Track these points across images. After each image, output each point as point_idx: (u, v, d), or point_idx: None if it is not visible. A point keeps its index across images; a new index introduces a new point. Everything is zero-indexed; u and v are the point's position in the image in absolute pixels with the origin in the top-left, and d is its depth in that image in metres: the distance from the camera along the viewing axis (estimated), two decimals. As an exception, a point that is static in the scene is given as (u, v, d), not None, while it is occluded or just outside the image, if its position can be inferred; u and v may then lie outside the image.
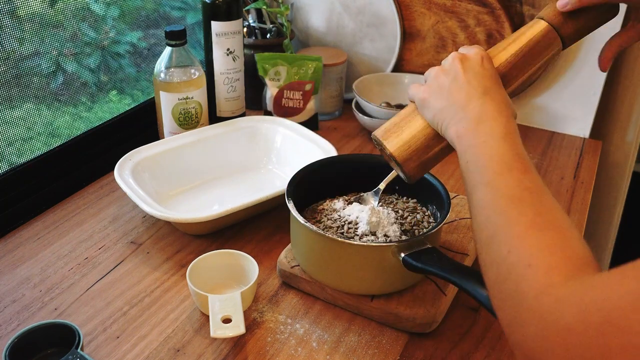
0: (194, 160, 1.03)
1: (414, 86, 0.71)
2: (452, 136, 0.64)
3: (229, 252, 0.82)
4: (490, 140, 0.59)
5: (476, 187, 0.58)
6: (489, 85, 0.64)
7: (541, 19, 0.70)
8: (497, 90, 0.64)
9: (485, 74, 0.66)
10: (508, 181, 0.56)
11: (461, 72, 0.66)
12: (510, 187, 0.55)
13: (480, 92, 0.64)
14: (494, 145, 0.59)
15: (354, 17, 1.31)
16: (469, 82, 0.65)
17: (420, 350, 0.74)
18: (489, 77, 0.65)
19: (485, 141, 0.60)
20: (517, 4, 1.18)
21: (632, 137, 1.29)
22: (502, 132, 0.60)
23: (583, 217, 1.00)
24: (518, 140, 0.60)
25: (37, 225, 0.95)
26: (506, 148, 0.58)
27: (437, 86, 0.68)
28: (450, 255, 0.83)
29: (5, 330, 0.76)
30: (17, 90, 0.99)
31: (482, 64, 0.66)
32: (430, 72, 0.70)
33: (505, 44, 0.70)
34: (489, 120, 0.61)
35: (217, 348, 0.73)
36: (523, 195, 0.54)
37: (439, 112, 0.67)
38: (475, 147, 0.60)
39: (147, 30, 1.26)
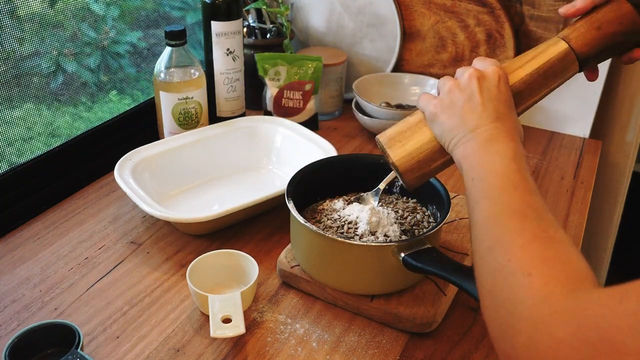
0: (194, 160, 1.03)
1: (425, 97, 0.70)
2: (459, 155, 0.64)
3: (229, 252, 0.82)
4: (498, 159, 0.60)
5: (479, 201, 0.58)
6: (502, 110, 0.64)
7: (562, 40, 0.69)
8: (509, 115, 0.64)
9: (500, 97, 0.65)
10: (513, 197, 0.56)
11: (477, 93, 0.65)
12: (514, 203, 0.56)
13: (494, 117, 0.63)
14: (502, 164, 0.59)
15: (354, 17, 1.31)
16: (484, 104, 0.64)
17: (420, 350, 0.74)
18: (504, 102, 0.65)
19: (493, 160, 0.60)
20: (517, 4, 1.18)
21: (632, 137, 1.29)
22: (511, 154, 0.60)
23: (583, 217, 1.00)
24: (525, 165, 0.60)
25: (37, 225, 0.95)
26: (513, 168, 0.59)
27: (449, 102, 0.67)
28: (450, 255, 0.83)
29: (5, 330, 0.76)
30: (17, 90, 0.99)
31: (499, 86, 0.66)
32: (445, 84, 0.68)
33: (523, 61, 0.69)
34: (498, 142, 0.61)
35: (217, 348, 0.73)
36: (527, 212, 0.54)
37: (448, 129, 0.66)
38: (482, 165, 0.61)
39: (147, 30, 1.26)
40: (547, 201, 1.03)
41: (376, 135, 0.75)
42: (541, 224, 0.53)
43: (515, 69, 0.69)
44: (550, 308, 0.45)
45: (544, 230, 0.52)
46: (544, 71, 0.68)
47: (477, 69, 0.67)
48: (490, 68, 0.67)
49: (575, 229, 0.97)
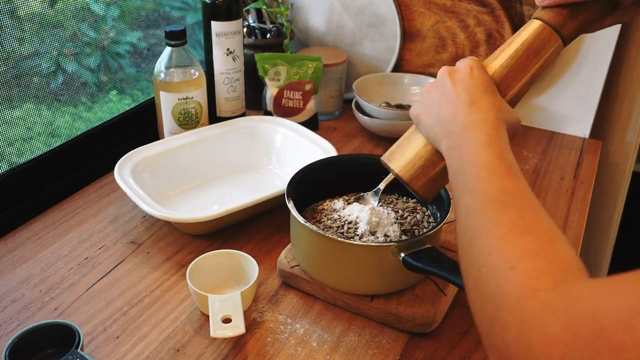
0: (194, 160, 1.03)
1: (413, 104, 0.71)
2: (444, 150, 0.64)
3: (229, 252, 0.82)
4: (472, 147, 0.59)
5: (460, 195, 0.57)
6: (477, 94, 0.64)
7: (536, 19, 0.70)
8: (485, 97, 0.64)
9: (474, 83, 0.65)
10: (489, 185, 0.55)
11: (450, 86, 0.66)
12: (491, 190, 0.54)
13: (468, 103, 0.63)
14: (476, 152, 0.58)
15: (354, 17, 1.31)
16: (458, 94, 0.65)
17: (420, 350, 0.74)
18: (477, 87, 0.65)
19: (468, 150, 0.59)
20: (517, 3, 1.18)
21: (632, 137, 1.29)
22: (485, 138, 0.59)
23: (583, 217, 1.00)
24: (504, 146, 0.59)
25: (37, 225, 0.95)
26: (489, 153, 0.57)
27: (427, 102, 0.68)
28: (450, 255, 0.83)
29: (5, 330, 0.76)
30: (17, 90, 0.99)
31: (472, 74, 0.66)
32: (424, 88, 0.69)
33: (501, 49, 0.70)
34: (473, 129, 0.61)
35: (217, 348, 0.73)
36: (505, 198, 0.53)
37: (431, 128, 0.67)
38: (459, 156, 0.60)
39: (147, 30, 1.26)
40: (547, 201, 1.03)
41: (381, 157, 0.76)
42: (521, 210, 0.51)
43: (495, 58, 0.69)
44: (539, 302, 0.43)
45: (524, 218, 0.50)
46: (523, 51, 0.68)
47: (450, 66, 0.68)
48: (462, 62, 0.68)
49: (575, 229, 0.97)
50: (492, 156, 0.57)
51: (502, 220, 0.51)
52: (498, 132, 0.60)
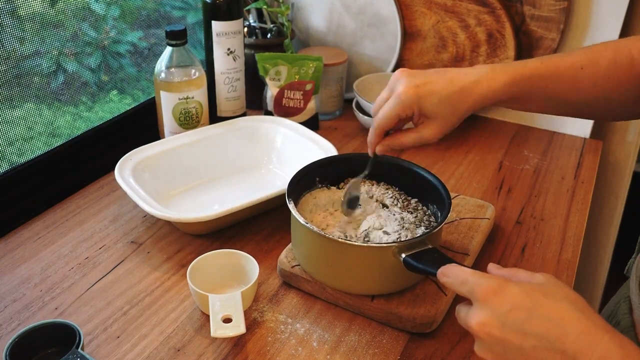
0: (194, 160, 1.03)
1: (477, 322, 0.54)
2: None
3: (229, 251, 0.82)
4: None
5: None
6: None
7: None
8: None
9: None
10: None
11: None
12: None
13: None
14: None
15: (354, 16, 1.31)
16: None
17: (421, 350, 0.74)
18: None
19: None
20: (517, 3, 1.18)
21: (632, 137, 1.29)
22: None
23: (583, 217, 1.00)
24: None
25: (37, 225, 0.95)
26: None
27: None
28: (451, 255, 0.83)
29: (6, 329, 0.76)
30: (17, 89, 0.99)
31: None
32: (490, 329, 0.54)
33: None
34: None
35: (218, 348, 0.73)
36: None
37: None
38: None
39: (147, 30, 1.26)
40: (548, 201, 1.04)
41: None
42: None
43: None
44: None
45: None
46: None
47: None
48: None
49: (576, 229, 0.97)
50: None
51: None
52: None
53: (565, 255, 0.91)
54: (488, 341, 0.53)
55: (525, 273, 0.57)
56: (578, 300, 0.53)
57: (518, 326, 0.52)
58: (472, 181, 1.09)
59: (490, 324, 0.53)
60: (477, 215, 0.92)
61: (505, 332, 0.52)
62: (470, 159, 1.16)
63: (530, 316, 0.51)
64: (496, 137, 1.24)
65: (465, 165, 1.14)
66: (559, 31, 1.17)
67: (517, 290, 0.53)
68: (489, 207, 0.94)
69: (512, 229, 0.97)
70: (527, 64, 0.74)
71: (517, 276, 0.57)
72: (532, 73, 0.73)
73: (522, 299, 0.52)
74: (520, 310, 0.52)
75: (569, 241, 0.94)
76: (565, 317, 0.51)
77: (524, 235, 0.95)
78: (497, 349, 0.53)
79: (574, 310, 0.51)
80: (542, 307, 0.52)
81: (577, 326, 0.50)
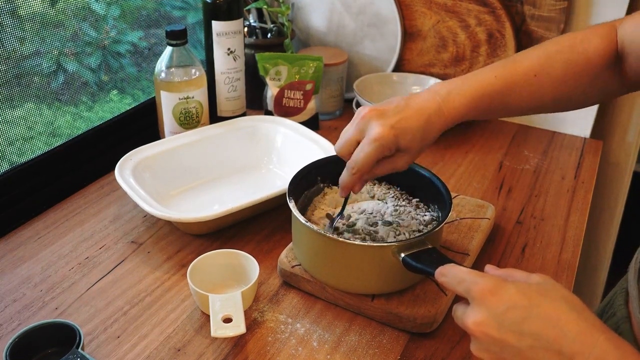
0: (194, 160, 1.03)
1: (473, 321, 0.54)
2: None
3: (229, 251, 0.82)
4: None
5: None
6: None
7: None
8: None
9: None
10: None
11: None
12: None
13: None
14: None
15: (354, 16, 1.31)
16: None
17: (421, 350, 0.74)
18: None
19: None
20: (517, 3, 1.18)
21: (632, 137, 1.29)
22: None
23: (584, 216, 1.00)
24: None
25: (37, 225, 0.95)
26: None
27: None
28: (451, 255, 0.83)
29: (6, 329, 0.76)
30: (18, 89, 0.99)
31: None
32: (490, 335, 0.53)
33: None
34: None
35: (218, 348, 0.73)
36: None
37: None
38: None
39: (147, 30, 1.26)
40: (548, 201, 1.04)
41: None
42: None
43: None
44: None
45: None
46: None
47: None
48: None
49: (576, 229, 0.97)
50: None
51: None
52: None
53: (565, 255, 0.91)
54: (484, 341, 0.54)
55: (521, 273, 0.57)
56: (575, 301, 0.53)
57: (515, 326, 0.52)
58: (472, 181, 1.09)
59: (486, 323, 0.53)
60: (477, 215, 0.92)
61: (502, 332, 0.52)
62: (471, 159, 1.16)
63: (527, 316, 0.51)
64: (496, 137, 1.24)
65: (465, 165, 1.14)
66: (559, 31, 1.17)
67: (514, 290, 0.53)
68: (489, 207, 0.94)
69: (513, 229, 0.97)
70: (482, 81, 0.74)
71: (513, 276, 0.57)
72: (488, 90, 0.73)
73: (519, 299, 0.52)
74: (517, 309, 0.52)
75: (569, 241, 0.94)
76: (562, 317, 0.51)
77: (524, 235, 0.95)
78: (493, 348, 0.53)
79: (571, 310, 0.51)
80: (539, 307, 0.52)
81: (574, 327, 0.51)
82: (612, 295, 0.82)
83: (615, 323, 0.74)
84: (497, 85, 0.73)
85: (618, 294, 0.78)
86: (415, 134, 0.71)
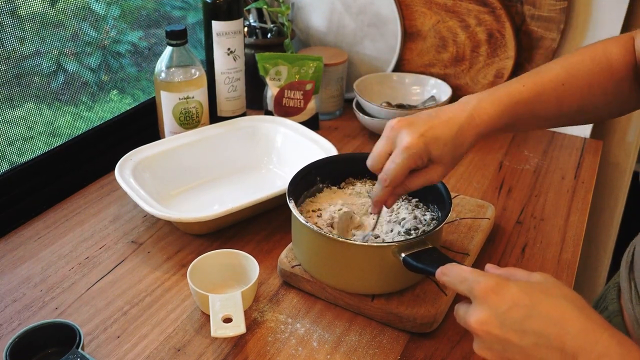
0: (194, 160, 1.03)
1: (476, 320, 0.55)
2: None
3: (229, 251, 0.82)
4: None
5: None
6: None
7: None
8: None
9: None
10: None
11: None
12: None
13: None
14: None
15: (354, 16, 1.31)
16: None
17: (421, 350, 0.74)
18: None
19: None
20: (517, 3, 1.18)
21: (632, 137, 1.29)
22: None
23: (584, 216, 1.00)
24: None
25: (37, 225, 0.95)
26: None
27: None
28: (451, 255, 0.83)
29: (6, 329, 0.76)
30: (18, 89, 0.99)
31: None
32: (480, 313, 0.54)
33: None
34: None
35: (218, 347, 0.73)
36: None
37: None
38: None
39: (147, 30, 1.26)
40: (548, 201, 1.04)
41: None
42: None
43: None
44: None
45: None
46: None
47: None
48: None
49: (576, 229, 0.97)
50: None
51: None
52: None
53: (565, 255, 0.91)
54: (487, 340, 0.54)
55: (523, 272, 0.57)
56: (577, 299, 0.53)
57: (517, 324, 0.52)
58: (472, 181, 1.09)
59: (489, 322, 0.53)
60: (477, 215, 0.92)
61: (505, 331, 0.52)
62: (471, 159, 1.16)
63: (529, 314, 0.52)
64: (496, 137, 1.24)
65: (465, 165, 1.14)
66: (559, 31, 1.17)
67: (516, 289, 0.53)
68: (489, 207, 0.94)
69: (513, 229, 0.97)
70: (510, 91, 0.73)
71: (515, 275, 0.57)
72: (518, 99, 0.73)
73: (521, 297, 0.52)
74: (520, 308, 0.52)
75: (569, 241, 0.94)
76: (564, 315, 0.51)
77: (524, 235, 0.95)
78: (496, 347, 0.53)
79: (573, 308, 0.52)
80: (541, 305, 0.52)
81: (577, 324, 0.51)
82: (604, 290, 0.82)
83: (607, 317, 0.75)
84: (526, 94, 0.73)
85: (611, 289, 0.79)
86: (447, 143, 0.70)
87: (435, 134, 0.70)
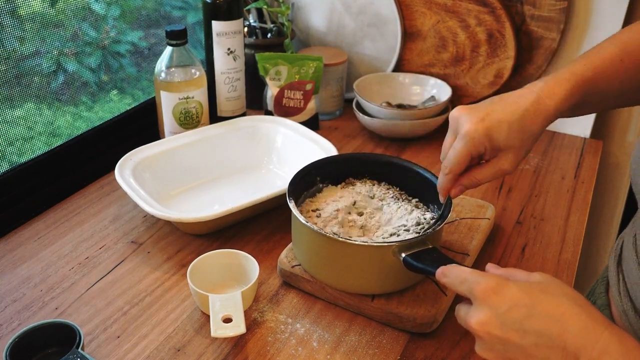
0: (194, 160, 1.03)
1: (477, 321, 0.55)
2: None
3: (229, 251, 0.82)
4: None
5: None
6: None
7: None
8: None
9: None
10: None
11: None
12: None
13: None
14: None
15: (354, 16, 1.31)
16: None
17: (421, 350, 0.74)
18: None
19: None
20: (517, 3, 1.18)
21: (632, 137, 1.29)
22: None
23: (584, 216, 1.00)
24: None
25: (37, 225, 0.95)
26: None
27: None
28: (451, 255, 0.83)
29: (6, 329, 0.76)
30: (18, 89, 0.99)
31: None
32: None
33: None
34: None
35: (218, 348, 0.73)
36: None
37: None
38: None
39: (147, 30, 1.26)
40: (548, 201, 1.03)
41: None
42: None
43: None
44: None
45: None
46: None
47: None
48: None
49: (576, 229, 0.97)
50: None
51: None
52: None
53: (565, 255, 0.91)
54: (488, 340, 0.54)
55: (522, 272, 0.57)
56: (577, 297, 0.53)
57: (518, 324, 0.52)
58: (472, 181, 1.09)
59: (490, 322, 0.53)
60: (477, 215, 0.92)
61: (505, 331, 0.52)
62: (471, 159, 1.16)
63: (530, 314, 0.52)
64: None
65: (465, 165, 1.14)
66: (559, 31, 1.17)
67: (516, 289, 0.53)
68: (489, 207, 0.94)
69: (512, 229, 0.97)
70: (574, 71, 0.72)
71: (514, 275, 0.57)
72: (584, 78, 0.71)
73: (521, 297, 0.53)
74: (520, 308, 0.52)
75: (569, 241, 0.94)
76: (565, 313, 0.51)
77: (524, 235, 0.95)
78: (497, 347, 0.53)
79: (574, 306, 0.52)
80: (541, 304, 0.52)
81: (577, 322, 0.51)
82: (594, 285, 0.82)
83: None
84: (589, 72, 0.71)
85: (599, 283, 0.79)
86: (512, 127, 0.68)
87: (497, 118, 0.68)
